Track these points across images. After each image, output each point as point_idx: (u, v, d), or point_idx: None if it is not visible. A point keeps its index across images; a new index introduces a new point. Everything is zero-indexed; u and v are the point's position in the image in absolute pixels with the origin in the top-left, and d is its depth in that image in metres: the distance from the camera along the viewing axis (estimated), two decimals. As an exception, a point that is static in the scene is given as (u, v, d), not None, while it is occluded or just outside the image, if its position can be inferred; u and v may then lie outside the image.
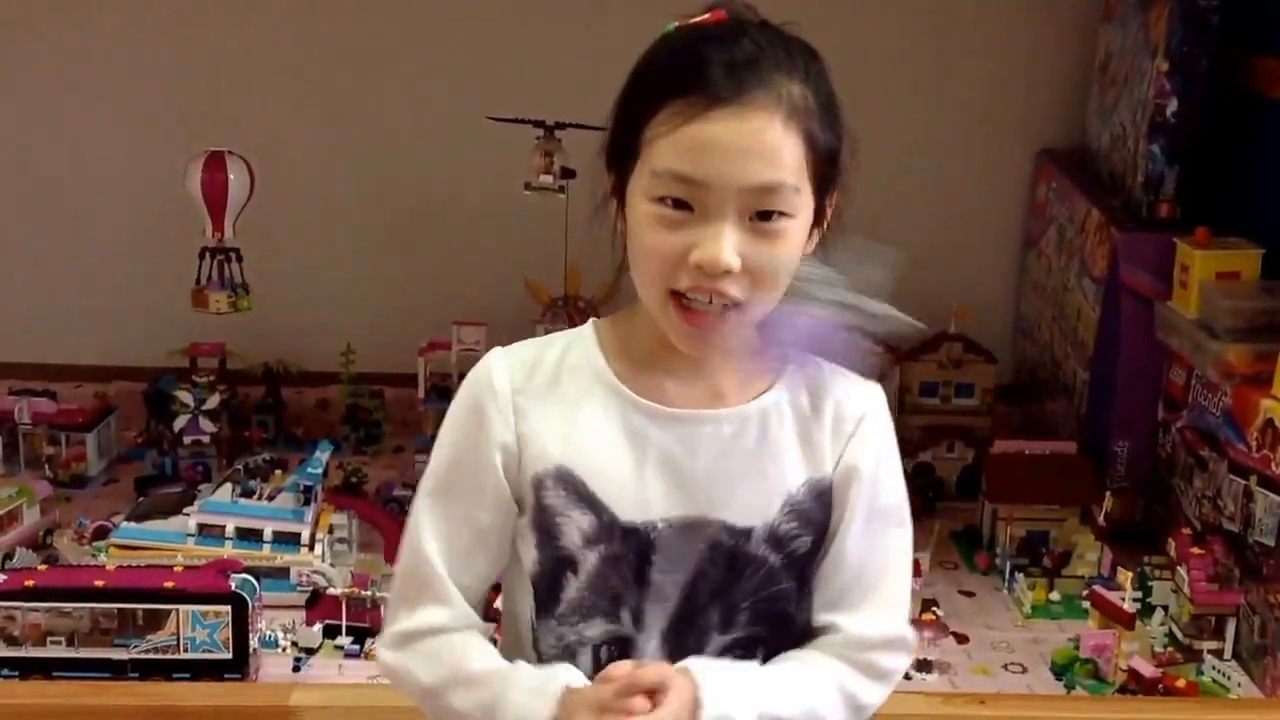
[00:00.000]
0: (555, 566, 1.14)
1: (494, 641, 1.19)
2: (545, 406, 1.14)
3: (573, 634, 1.15)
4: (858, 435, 1.16)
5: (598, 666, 1.13)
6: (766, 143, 1.05)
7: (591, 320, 1.20)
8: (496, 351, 1.17)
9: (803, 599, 1.17)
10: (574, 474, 1.13)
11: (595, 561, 1.13)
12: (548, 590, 1.15)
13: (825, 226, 1.14)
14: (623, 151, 1.10)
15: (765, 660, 1.15)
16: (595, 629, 1.14)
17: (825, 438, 1.16)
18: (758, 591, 1.14)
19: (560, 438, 1.13)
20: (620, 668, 1.08)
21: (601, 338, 1.17)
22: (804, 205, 1.09)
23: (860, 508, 1.15)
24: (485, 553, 1.16)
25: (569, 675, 1.11)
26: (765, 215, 1.06)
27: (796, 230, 1.09)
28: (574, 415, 1.14)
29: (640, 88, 1.09)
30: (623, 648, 1.14)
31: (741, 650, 1.15)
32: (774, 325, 1.12)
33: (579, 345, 1.17)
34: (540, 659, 1.16)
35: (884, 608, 1.17)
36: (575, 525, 1.13)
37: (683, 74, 1.05)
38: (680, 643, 1.13)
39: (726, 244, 1.05)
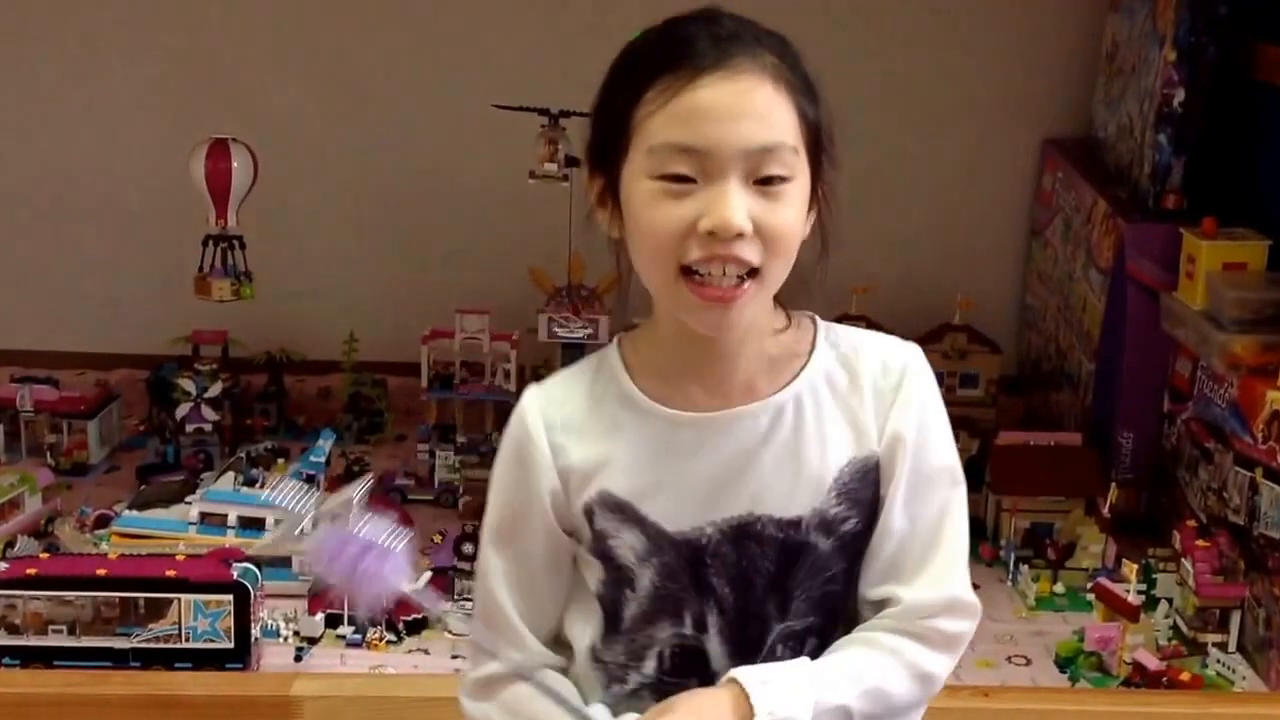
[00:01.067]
0: (615, 586, 1.16)
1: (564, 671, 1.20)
2: (582, 438, 1.15)
3: (641, 638, 1.16)
4: (899, 402, 1.14)
5: (663, 669, 1.15)
6: (758, 103, 1.05)
7: (616, 338, 1.20)
8: (530, 391, 1.19)
9: (853, 580, 1.16)
10: (616, 497, 1.14)
11: (651, 576, 1.14)
12: (611, 609, 1.17)
13: (820, 207, 1.13)
14: (612, 144, 1.09)
15: (820, 647, 1.14)
16: (661, 633, 1.15)
17: (868, 412, 1.14)
18: (811, 578, 1.14)
19: (600, 465, 1.14)
20: None
21: (626, 356, 1.17)
22: (801, 170, 1.08)
23: (907, 474, 1.13)
24: (549, 589, 1.19)
25: None
26: (767, 180, 1.06)
27: (797, 194, 1.08)
28: (610, 441, 1.14)
29: (623, 76, 1.09)
30: (687, 650, 1.15)
31: (798, 640, 1.14)
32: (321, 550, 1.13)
33: (605, 369, 1.17)
34: (605, 673, 1.18)
35: (941, 572, 1.14)
36: (627, 544, 1.14)
37: (667, 50, 1.06)
38: (742, 638, 1.14)
39: (736, 204, 1.04)
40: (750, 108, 1.05)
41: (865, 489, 1.14)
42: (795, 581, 1.13)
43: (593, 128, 1.13)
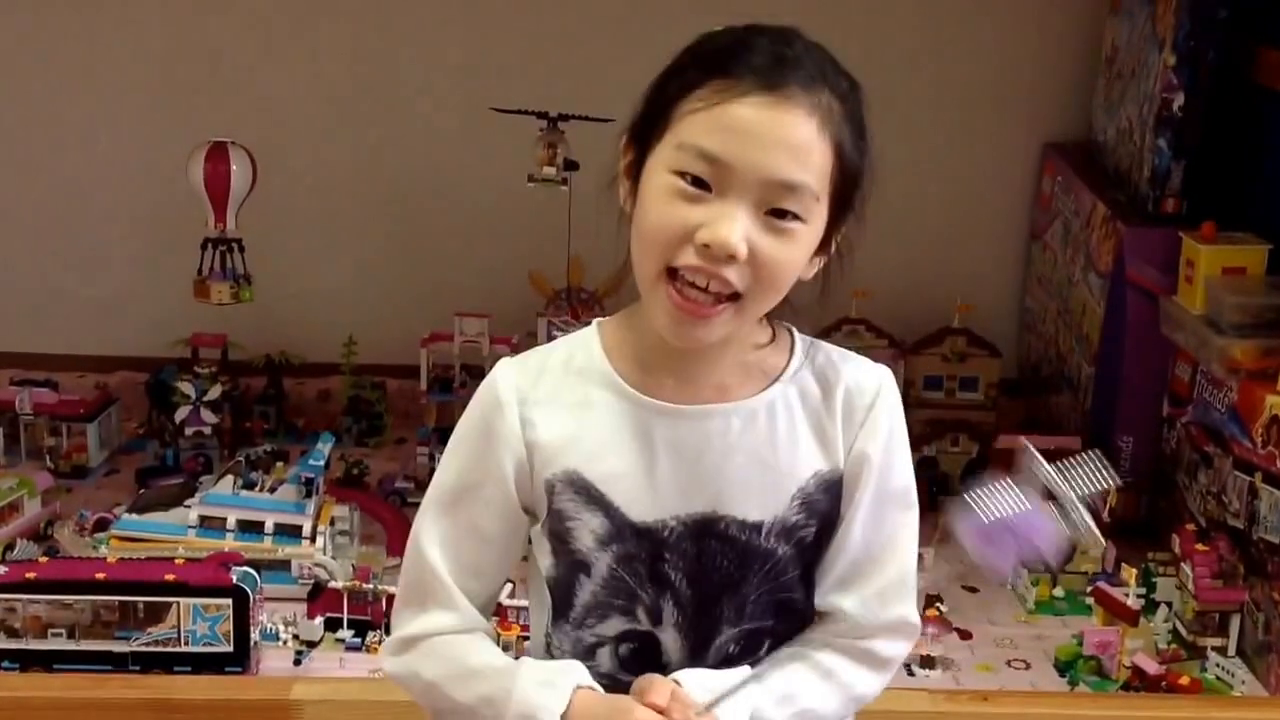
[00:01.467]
0: (569, 570, 1.15)
1: (497, 637, 1.19)
2: (553, 413, 1.14)
3: (590, 634, 1.15)
4: (868, 422, 1.16)
5: (618, 663, 1.14)
6: (798, 138, 1.05)
7: (595, 321, 1.20)
8: (504, 362, 1.18)
9: (808, 587, 1.17)
10: (583, 477, 1.13)
11: (608, 562, 1.14)
12: (563, 595, 1.16)
13: (830, 257, 1.14)
14: (651, 125, 1.09)
15: (774, 648, 1.16)
16: (613, 627, 1.15)
17: (837, 428, 1.16)
18: (767, 583, 1.15)
19: (569, 442, 1.13)
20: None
21: (605, 338, 1.17)
22: (818, 216, 1.08)
23: (868, 492, 1.15)
24: (492, 562, 1.18)
25: (581, 674, 1.12)
26: (780, 214, 1.05)
27: (806, 238, 1.08)
28: (581, 419, 1.14)
29: (685, 64, 1.09)
30: (641, 644, 1.14)
31: (750, 641, 1.15)
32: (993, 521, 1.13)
33: (583, 348, 1.17)
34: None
35: (888, 590, 1.17)
36: (587, 527, 1.13)
37: (730, 55, 1.06)
38: (695, 636, 1.14)
39: (738, 227, 1.04)
40: (789, 140, 1.04)
41: (825, 501, 1.15)
42: (751, 584, 1.14)
43: (643, 101, 1.12)
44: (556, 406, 1.14)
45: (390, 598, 2.28)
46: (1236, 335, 2.32)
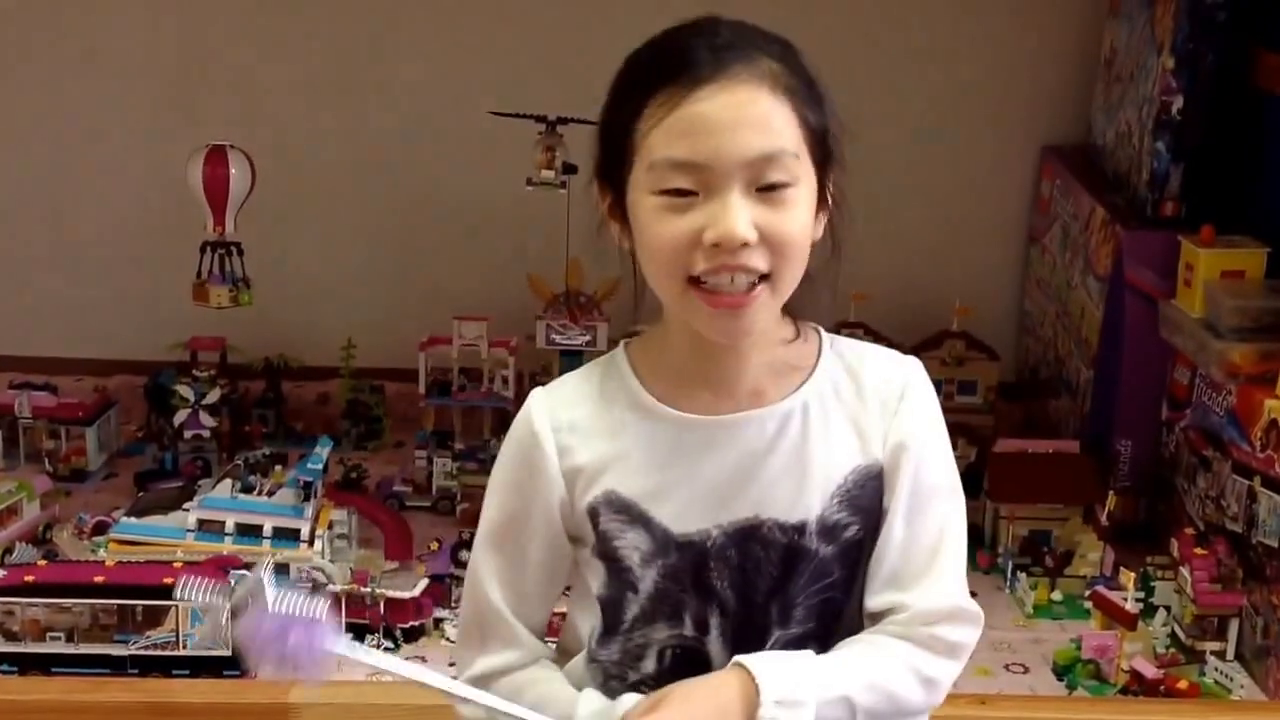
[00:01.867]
0: (618, 588, 1.16)
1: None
2: (589, 440, 1.15)
3: (637, 641, 1.16)
4: (902, 411, 1.15)
5: (662, 668, 1.15)
6: (757, 112, 1.05)
7: (622, 343, 1.20)
8: (536, 393, 1.19)
9: (853, 588, 1.16)
10: (623, 497, 1.14)
11: (654, 577, 1.14)
12: (613, 612, 1.17)
13: (830, 209, 1.13)
14: (617, 159, 1.10)
15: (820, 653, 1.14)
16: (660, 634, 1.15)
17: (872, 419, 1.15)
18: (812, 585, 1.14)
19: (607, 465, 1.14)
20: None
21: (634, 360, 1.18)
22: (805, 173, 1.08)
23: (909, 484, 1.15)
24: (542, 592, 1.20)
25: (626, 706, 1.12)
26: (771, 187, 1.06)
27: (803, 198, 1.08)
28: (618, 442, 1.15)
29: (624, 90, 1.10)
30: (687, 650, 1.15)
31: (797, 645, 1.14)
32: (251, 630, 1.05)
33: (613, 372, 1.18)
34: (602, 671, 1.17)
35: (943, 581, 1.16)
36: (633, 546, 1.14)
37: (665, 63, 1.06)
38: (742, 643, 1.14)
39: (739, 215, 1.05)
40: (748, 117, 1.05)
41: (868, 496, 1.15)
42: (797, 586, 1.14)
43: (599, 142, 1.13)
44: (592, 433, 1.15)
45: (388, 601, 2.28)
46: (1235, 339, 2.32)
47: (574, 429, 1.15)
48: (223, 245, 2.86)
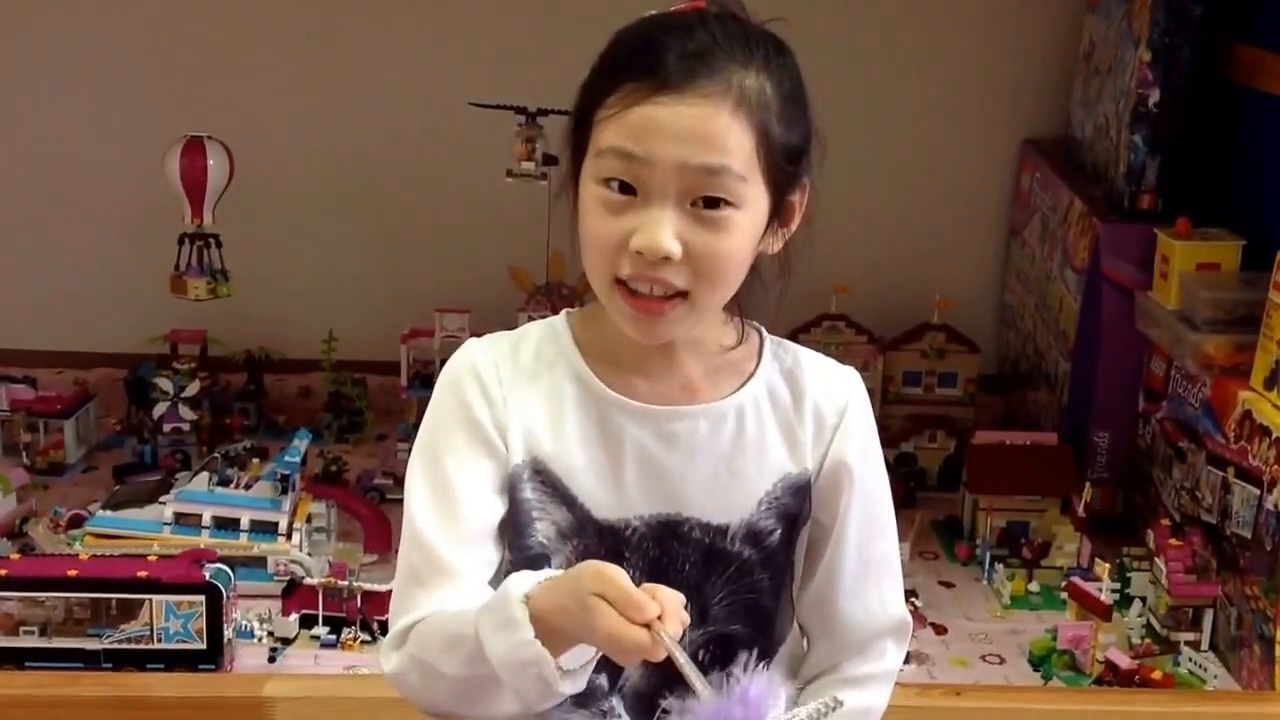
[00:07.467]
0: (525, 565, 1.12)
1: None
2: (523, 399, 1.13)
3: None
4: (842, 429, 1.16)
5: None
6: (710, 129, 1.03)
7: (565, 311, 1.19)
8: (474, 341, 1.17)
9: (779, 593, 1.17)
10: (550, 469, 1.12)
11: (567, 556, 1.12)
12: None
13: (790, 227, 1.12)
14: (576, 140, 1.10)
15: (758, 658, 1.05)
16: None
17: (808, 433, 1.15)
18: (730, 585, 1.14)
19: (537, 431, 1.12)
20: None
21: (575, 331, 1.16)
22: (752, 198, 1.06)
23: (856, 499, 1.16)
24: (479, 513, 1.11)
25: (517, 587, 1.01)
26: (709, 203, 1.05)
27: (743, 223, 1.06)
28: (551, 409, 1.13)
29: (595, 75, 1.09)
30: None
31: (718, 646, 1.14)
32: None
33: (553, 339, 1.16)
34: None
35: (890, 594, 1.19)
36: (550, 520, 1.12)
37: (636, 59, 1.05)
38: None
39: (665, 229, 1.04)
40: (700, 131, 1.03)
41: (793, 505, 1.15)
42: (714, 587, 1.13)
43: (571, 114, 1.12)
44: (527, 394, 1.13)
45: (365, 594, 2.28)
46: (1210, 331, 2.33)
47: (510, 384, 1.13)
48: (201, 237, 2.85)
